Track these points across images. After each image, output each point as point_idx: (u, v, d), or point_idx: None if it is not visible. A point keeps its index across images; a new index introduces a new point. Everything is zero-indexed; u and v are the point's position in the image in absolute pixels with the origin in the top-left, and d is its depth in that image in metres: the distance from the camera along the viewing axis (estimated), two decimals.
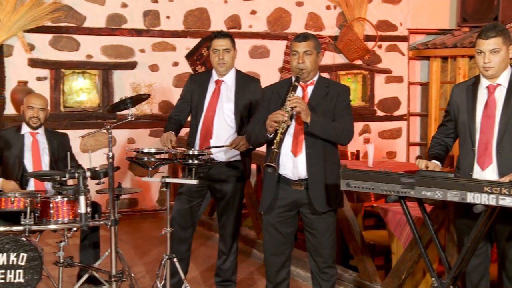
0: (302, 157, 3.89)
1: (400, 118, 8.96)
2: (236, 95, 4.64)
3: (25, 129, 4.93)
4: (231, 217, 4.71)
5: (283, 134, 3.80)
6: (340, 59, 8.56)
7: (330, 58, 8.41)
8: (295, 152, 3.89)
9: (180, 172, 6.95)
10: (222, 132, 4.60)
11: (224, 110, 4.62)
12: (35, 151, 4.89)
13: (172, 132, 4.60)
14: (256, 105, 4.58)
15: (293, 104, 3.75)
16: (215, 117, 4.61)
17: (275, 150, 3.72)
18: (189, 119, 4.79)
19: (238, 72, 4.75)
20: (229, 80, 4.68)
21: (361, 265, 4.80)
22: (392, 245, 4.67)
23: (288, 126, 3.82)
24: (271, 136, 3.84)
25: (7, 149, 4.84)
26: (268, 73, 7.97)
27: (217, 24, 7.80)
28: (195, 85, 4.74)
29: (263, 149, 4.19)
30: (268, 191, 3.99)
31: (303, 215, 4.00)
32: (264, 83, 4.47)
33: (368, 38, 8.59)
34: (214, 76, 4.70)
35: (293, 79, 3.94)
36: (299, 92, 3.92)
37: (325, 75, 7.43)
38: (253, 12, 8.04)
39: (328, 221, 3.98)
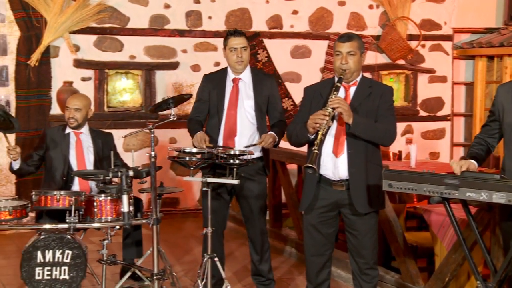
0: (343, 157, 3.86)
1: (443, 118, 8.83)
2: (254, 91, 4.65)
3: (69, 129, 5.02)
4: (258, 216, 4.69)
5: (324, 135, 3.78)
6: (382, 58, 8.48)
7: (372, 58, 8.33)
8: (336, 153, 3.87)
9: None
10: (245, 129, 4.61)
11: (245, 107, 4.62)
12: (79, 150, 4.98)
13: (202, 132, 4.63)
14: (273, 101, 4.64)
15: (334, 105, 3.73)
16: (238, 115, 4.62)
17: (316, 151, 3.71)
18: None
19: (252, 69, 4.76)
20: (246, 77, 4.68)
21: (403, 267, 4.74)
22: (435, 247, 4.60)
23: (329, 127, 3.80)
24: (312, 137, 3.83)
25: (53, 147, 4.94)
26: (310, 73, 7.95)
27: (259, 24, 7.81)
28: (212, 85, 4.73)
29: (304, 149, 4.18)
30: (308, 191, 3.98)
31: (344, 216, 3.98)
32: (305, 83, 4.46)
33: (411, 37, 8.48)
34: (230, 75, 4.70)
35: (336, 79, 3.92)
36: (341, 92, 3.89)
37: (367, 75, 7.36)
38: (295, 12, 8.03)
39: (370, 222, 3.95)
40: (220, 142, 4.62)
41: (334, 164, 3.87)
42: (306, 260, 4.13)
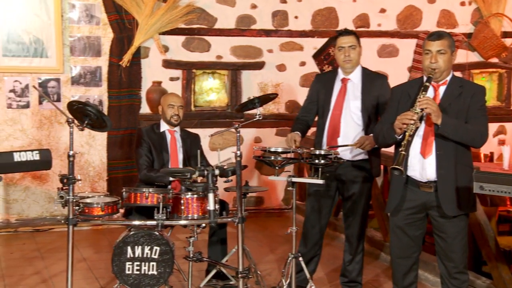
0: (431, 159, 3.78)
1: None
2: (362, 92, 4.59)
3: (164, 127, 5.14)
4: (357, 218, 4.67)
5: (412, 136, 3.71)
6: (474, 57, 8.21)
7: (463, 56, 8.08)
8: (424, 154, 3.79)
9: (306, 172, 6.97)
10: (349, 130, 4.57)
11: (351, 108, 4.58)
12: (173, 148, 5.09)
13: (298, 132, 4.63)
14: (383, 101, 4.53)
15: (423, 106, 3.65)
16: (342, 116, 4.58)
17: (403, 152, 3.64)
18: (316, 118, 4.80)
19: (364, 69, 4.70)
20: (355, 77, 4.63)
21: (495, 272, 4.57)
22: None
23: (417, 128, 3.72)
24: (399, 137, 3.76)
25: (151, 144, 5.06)
26: (397, 73, 7.79)
27: (345, 23, 7.73)
28: (321, 85, 4.74)
29: (391, 149, 4.11)
30: (395, 192, 3.91)
31: (432, 218, 3.89)
32: (392, 83, 4.37)
33: (506, 34, 8.16)
34: (340, 75, 4.67)
35: (425, 79, 3.83)
36: (430, 92, 3.80)
37: (457, 74, 7.15)
38: (383, 11, 7.90)
39: (459, 225, 3.84)
40: (324, 142, 4.61)
41: (422, 165, 3.79)
42: (392, 262, 4.06)
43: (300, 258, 4.47)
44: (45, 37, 6.73)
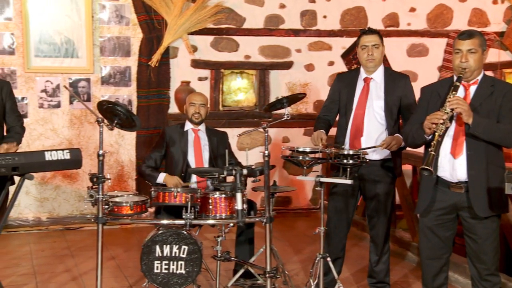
0: (462, 159, 3.73)
1: None
2: (385, 92, 4.57)
3: (188, 126, 5.17)
4: (382, 218, 4.64)
5: (441, 136, 3.67)
6: (506, 56, 8.09)
7: (495, 55, 7.96)
8: (454, 154, 3.74)
9: (327, 171, 6.93)
10: (372, 130, 4.55)
11: (374, 108, 4.56)
12: (197, 147, 5.11)
13: (323, 131, 4.61)
14: (406, 101, 4.52)
15: (453, 105, 3.61)
16: (365, 115, 4.56)
17: (432, 153, 3.60)
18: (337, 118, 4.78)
19: (386, 69, 4.68)
20: (378, 77, 4.61)
21: None
22: None
23: (447, 128, 3.67)
24: (429, 137, 3.72)
25: (172, 145, 5.11)
26: (426, 72, 7.72)
27: (374, 22, 7.68)
28: (343, 84, 4.72)
29: (419, 150, 4.07)
30: (425, 193, 3.88)
31: (463, 219, 3.84)
32: (422, 82, 4.33)
33: None
34: (362, 74, 4.65)
35: (455, 78, 3.78)
36: (460, 92, 3.76)
37: (489, 73, 7.05)
38: (412, 10, 7.83)
39: (491, 226, 3.79)
40: (347, 142, 4.60)
41: (452, 166, 3.75)
42: (422, 263, 4.03)
43: (328, 259, 4.45)
44: (76, 37, 6.81)
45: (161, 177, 4.92)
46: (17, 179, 4.12)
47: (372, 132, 4.54)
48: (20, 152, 4.12)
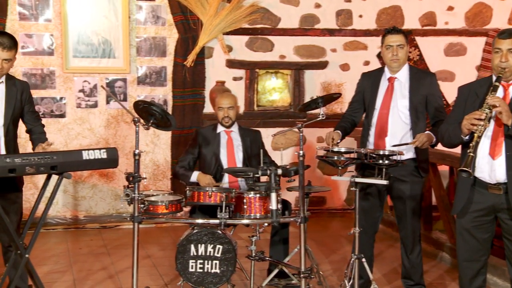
0: (501, 160, 3.67)
1: None
2: (410, 91, 4.53)
3: (220, 128, 5.19)
4: (410, 218, 4.58)
5: (480, 137, 3.61)
6: None
7: None
8: (493, 155, 3.68)
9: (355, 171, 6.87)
10: (397, 129, 4.51)
11: (398, 107, 4.52)
12: (230, 148, 5.13)
13: (338, 131, 4.60)
14: (432, 100, 4.49)
15: (493, 105, 3.54)
16: (390, 115, 4.53)
17: (471, 154, 3.55)
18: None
19: (411, 68, 4.63)
20: (402, 76, 4.56)
21: None
22: None
23: (485, 129, 3.61)
24: (466, 138, 3.66)
25: (205, 146, 5.13)
26: (464, 72, 7.61)
27: (411, 21, 7.60)
28: (367, 83, 4.69)
29: (456, 150, 4.02)
30: (462, 194, 3.82)
31: (502, 221, 3.78)
32: (459, 82, 4.27)
33: None
34: (387, 74, 4.61)
35: (494, 78, 3.72)
36: (500, 92, 3.69)
37: None
38: (450, 8, 7.72)
39: None
40: (371, 141, 4.56)
41: (491, 167, 3.69)
42: (459, 265, 3.97)
43: (363, 259, 4.42)
44: (113, 38, 6.89)
45: (195, 176, 4.96)
46: (54, 177, 4.20)
47: (397, 132, 4.51)
48: (58, 151, 4.19)
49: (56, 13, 6.74)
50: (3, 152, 4.30)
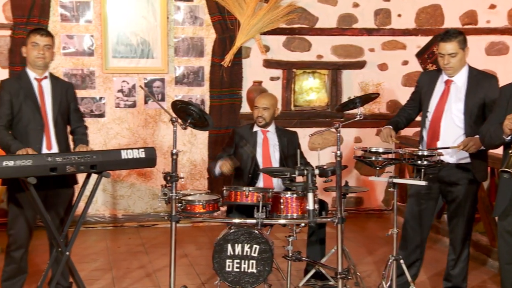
0: None
1: None
2: (466, 94, 4.42)
3: (257, 127, 5.19)
4: (462, 221, 4.52)
5: None
6: None
7: None
8: None
9: (407, 173, 6.81)
10: (449, 133, 4.43)
11: (452, 111, 4.43)
12: (266, 148, 5.13)
13: (390, 126, 4.54)
14: (489, 103, 4.34)
15: None
16: (443, 118, 4.45)
17: None
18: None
19: (471, 70, 4.50)
20: (460, 80, 4.46)
21: None
22: None
23: None
24: (508, 138, 3.60)
25: (242, 145, 5.14)
26: (507, 71, 7.45)
27: (451, 20, 7.49)
28: (424, 84, 4.63)
29: (498, 151, 3.95)
30: (503, 195, 3.76)
31: None
32: (501, 82, 4.20)
33: None
34: (444, 76, 4.52)
35: None
36: None
37: None
38: (492, 7, 7.58)
39: None
40: (424, 145, 4.51)
41: None
42: (501, 268, 3.90)
43: (401, 261, 4.37)
44: (152, 38, 6.95)
45: (217, 168, 4.99)
46: (93, 176, 4.26)
47: (449, 136, 4.43)
48: (98, 151, 4.26)
49: (97, 14, 6.84)
50: (55, 145, 4.41)
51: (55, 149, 4.40)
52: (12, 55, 6.58)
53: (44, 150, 4.35)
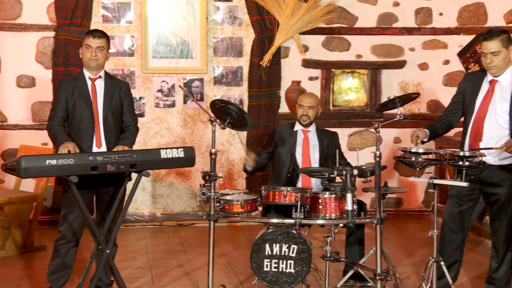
0: None
1: None
2: None
3: (298, 127, 5.19)
4: (504, 223, 4.43)
5: None
6: None
7: None
8: None
9: (448, 174, 6.71)
10: (493, 133, 4.34)
11: (497, 111, 4.35)
12: (306, 148, 5.12)
13: (425, 130, 4.51)
14: None
15: None
16: (486, 118, 4.37)
17: None
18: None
19: None
20: (505, 80, 4.38)
21: None
22: None
23: None
24: None
25: (281, 144, 5.15)
26: None
27: (495, 19, 7.35)
28: (468, 85, 4.55)
29: None
30: None
31: None
32: None
33: None
34: (489, 76, 4.44)
35: None
36: None
37: None
38: None
39: None
40: (466, 145, 4.44)
41: None
42: None
43: (442, 263, 4.31)
44: (191, 38, 7.00)
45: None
46: (134, 175, 4.30)
47: (492, 136, 4.34)
48: (137, 150, 4.30)
49: (137, 15, 6.92)
50: (104, 143, 4.49)
51: (103, 147, 4.48)
52: (55, 56, 6.72)
53: (94, 148, 4.46)
